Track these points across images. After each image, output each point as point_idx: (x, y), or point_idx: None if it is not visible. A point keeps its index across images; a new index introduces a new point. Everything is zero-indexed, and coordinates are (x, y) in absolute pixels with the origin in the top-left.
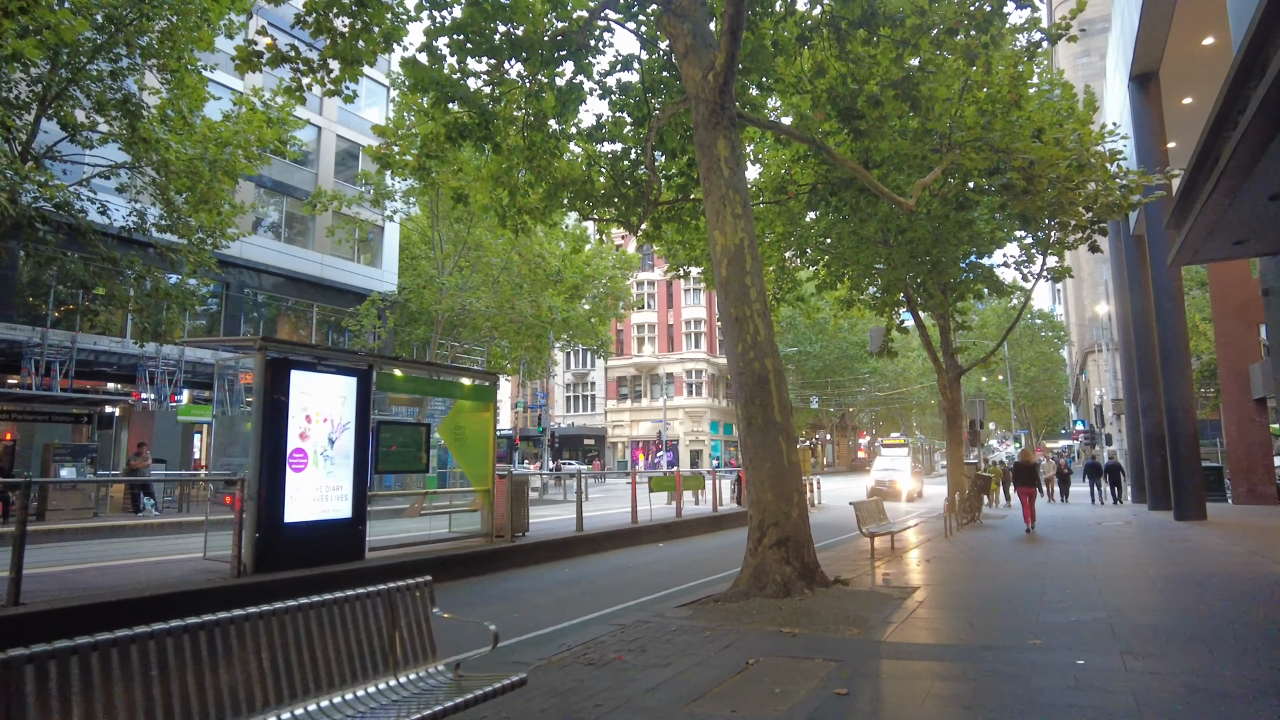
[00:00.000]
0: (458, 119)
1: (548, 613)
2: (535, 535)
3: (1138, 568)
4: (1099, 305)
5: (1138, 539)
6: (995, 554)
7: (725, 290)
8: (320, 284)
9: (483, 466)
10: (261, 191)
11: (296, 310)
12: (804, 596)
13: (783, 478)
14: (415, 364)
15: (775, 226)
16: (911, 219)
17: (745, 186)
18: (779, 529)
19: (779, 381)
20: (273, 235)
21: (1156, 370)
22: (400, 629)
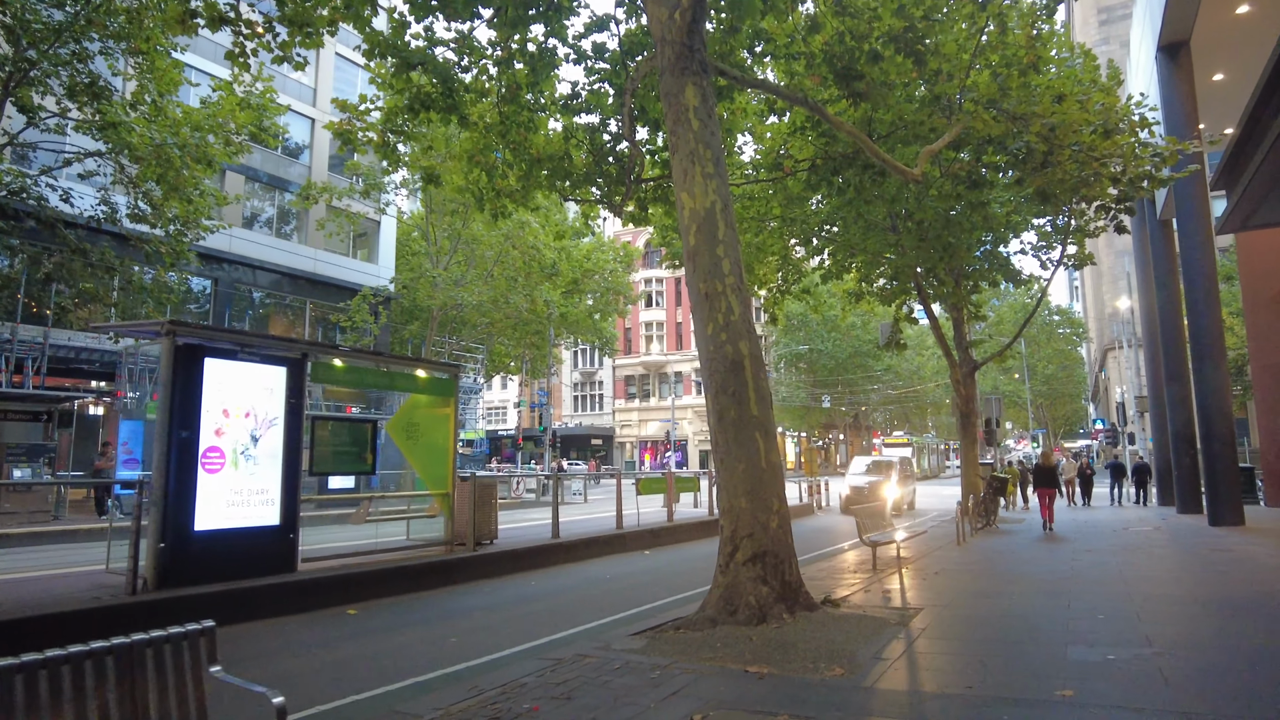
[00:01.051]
0: (420, 89)
1: (488, 638)
2: (506, 543)
3: (1178, 584)
4: (1120, 300)
5: (1171, 547)
6: (1013, 564)
7: (694, 262)
8: (315, 280)
9: (441, 468)
10: (257, 186)
11: (293, 307)
12: (782, 623)
13: (760, 481)
14: (359, 353)
15: (773, 209)
16: (920, 200)
17: (718, 142)
18: (754, 542)
19: (756, 368)
20: (267, 230)
21: (1186, 364)
22: (152, 702)
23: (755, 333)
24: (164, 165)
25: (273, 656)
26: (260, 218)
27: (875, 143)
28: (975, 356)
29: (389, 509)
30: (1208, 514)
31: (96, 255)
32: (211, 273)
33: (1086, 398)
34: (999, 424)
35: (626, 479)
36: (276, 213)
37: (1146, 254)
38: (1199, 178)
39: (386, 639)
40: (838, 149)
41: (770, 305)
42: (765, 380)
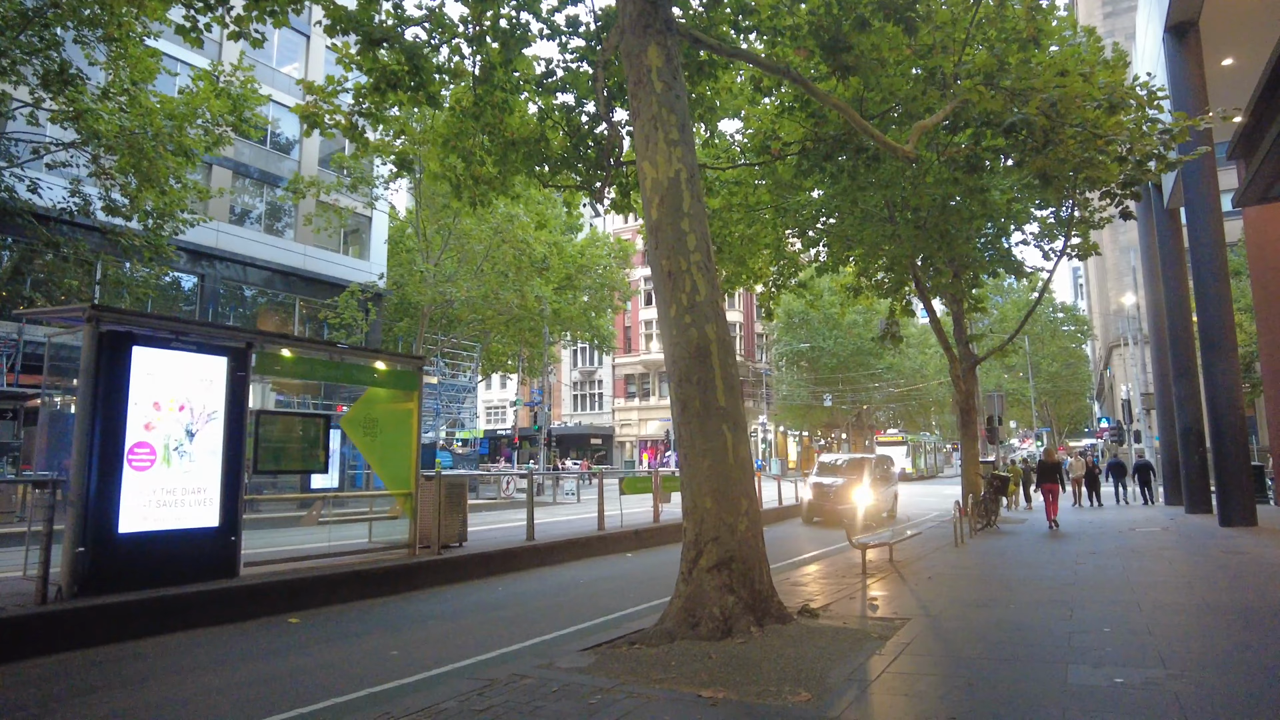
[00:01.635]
0: (386, 68)
1: (432, 651)
2: (476, 546)
3: (1190, 591)
4: (1125, 295)
5: (1181, 549)
6: (1012, 568)
7: (656, 237)
8: (305, 277)
9: (403, 467)
10: (248, 182)
11: (285, 305)
12: (749, 638)
13: (727, 479)
14: (310, 343)
15: (762, 194)
16: (916, 186)
17: (684, 107)
18: (720, 546)
19: (723, 354)
20: (257, 226)
21: (1194, 359)
22: None
23: (724, 316)
24: (137, 155)
25: (191, 671)
26: (251, 214)
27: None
28: (976, 351)
29: (350, 510)
30: (1218, 514)
31: (70, 249)
32: (199, 269)
33: (1091, 396)
34: (1001, 421)
35: (614, 479)
36: (267, 209)
37: (1153, 246)
38: (1208, 161)
39: (323, 651)
40: (828, 130)
41: (765, 300)
42: (734, 368)
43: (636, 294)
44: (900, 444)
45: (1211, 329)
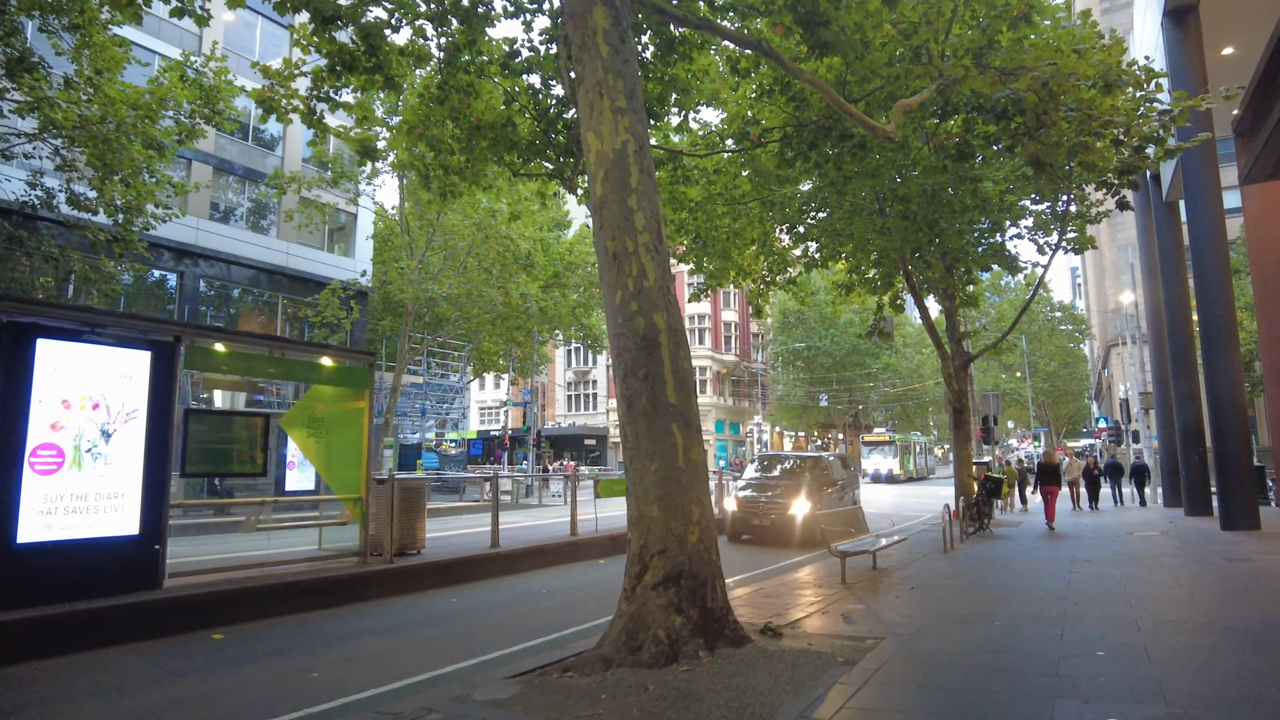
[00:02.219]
0: (342, 48)
1: (357, 673)
2: (436, 554)
3: (1193, 606)
4: (1123, 294)
5: (1182, 556)
6: (1002, 577)
7: (600, 215)
8: (289, 275)
9: (351, 470)
10: (232, 179)
11: (269, 304)
12: (695, 664)
13: (676, 484)
14: (248, 337)
15: (741, 183)
16: (904, 176)
17: (634, 73)
18: (667, 560)
19: (674, 345)
20: (240, 224)
21: (1194, 357)
22: None
23: (675, 302)
24: (101, 146)
25: (81, 699)
26: (234, 211)
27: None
28: (969, 349)
29: (299, 515)
30: (1220, 517)
31: (35, 244)
32: (179, 267)
33: (1090, 396)
34: (997, 421)
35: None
36: (249, 206)
37: (1151, 241)
38: (1208, 151)
39: (235, 674)
40: (810, 116)
41: (755, 297)
42: (687, 360)
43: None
44: (888, 443)
45: (1212, 325)
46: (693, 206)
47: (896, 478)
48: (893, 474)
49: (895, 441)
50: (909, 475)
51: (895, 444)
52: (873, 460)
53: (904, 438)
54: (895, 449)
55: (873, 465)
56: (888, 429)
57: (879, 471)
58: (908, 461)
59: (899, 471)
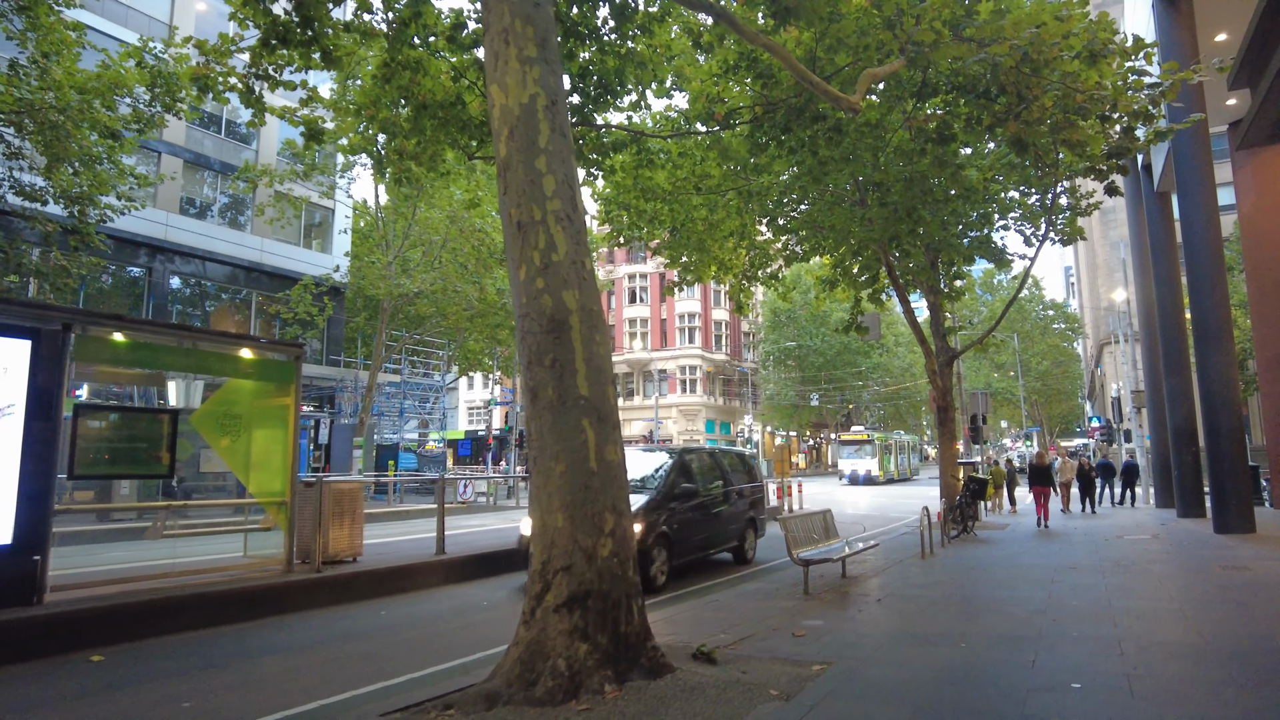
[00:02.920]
0: (276, 20)
1: (239, 699)
2: (374, 561)
3: (1185, 624)
4: (1116, 292)
5: (1173, 563)
6: (978, 588)
7: (505, 178)
8: (263, 271)
9: (273, 471)
10: (206, 173)
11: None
12: (597, 701)
13: (586, 490)
14: (156, 326)
15: (708, 167)
16: (881, 159)
17: (548, 20)
18: (573, 578)
19: (588, 328)
20: (212, 219)
21: (1187, 354)
22: None
23: (592, 279)
24: (50, 132)
25: None
26: (208, 206)
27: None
28: (954, 345)
29: (223, 521)
30: (1213, 519)
31: None
32: (147, 263)
33: (1083, 395)
34: (986, 420)
35: None
36: (223, 201)
37: (1143, 234)
38: (1200, 136)
39: (95, 704)
40: (778, 94)
41: (736, 292)
42: (604, 346)
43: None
44: (866, 442)
45: (1206, 319)
46: (665, 195)
47: (875, 479)
48: (871, 475)
49: (874, 440)
50: (890, 477)
51: (874, 443)
52: (849, 461)
53: (884, 436)
54: (874, 448)
55: (849, 466)
56: (867, 427)
57: (856, 473)
58: (888, 462)
59: (878, 473)
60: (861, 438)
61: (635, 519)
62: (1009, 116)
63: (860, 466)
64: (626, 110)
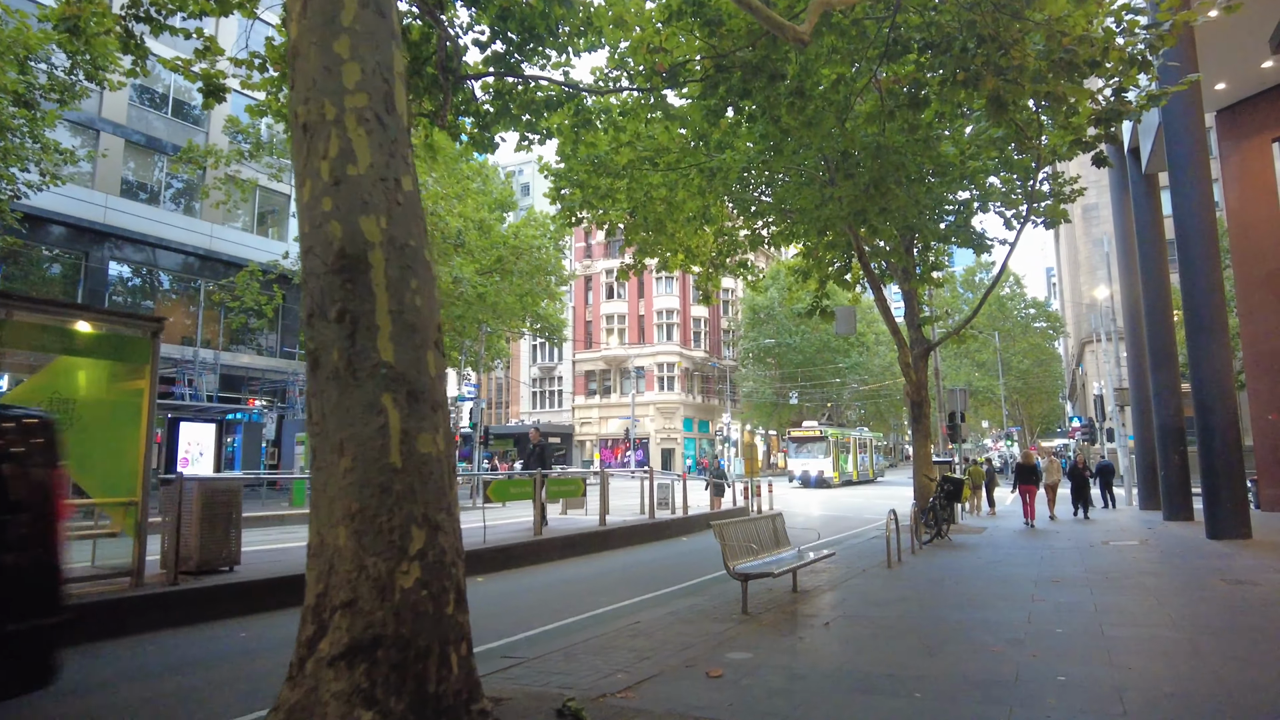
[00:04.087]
0: None
1: None
2: (255, 571)
3: (1198, 660)
4: (1098, 289)
5: (1170, 575)
6: (947, 606)
7: (294, 68)
8: (213, 259)
9: (119, 467)
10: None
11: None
12: None
13: (384, 493)
14: None
15: (656, 131)
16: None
17: None
18: (358, 618)
19: (401, 270)
20: (156, 202)
21: (1174, 348)
22: None
23: (412, 205)
24: None
25: None
26: (153, 189)
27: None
28: (930, 335)
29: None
30: (1206, 523)
31: None
32: (81, 246)
33: (1063, 395)
34: (964, 418)
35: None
36: (170, 184)
37: (1128, 221)
38: (1194, 105)
39: None
40: (729, 45)
41: (704, 281)
42: (425, 296)
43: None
44: (818, 440)
45: (1199, 307)
46: (619, 171)
47: (829, 481)
48: (824, 478)
49: (828, 437)
50: (847, 479)
51: (828, 440)
52: (800, 460)
53: (840, 433)
54: (828, 446)
55: (799, 466)
56: (822, 423)
57: (807, 474)
58: (844, 462)
59: (832, 474)
60: (813, 434)
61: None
62: (986, 70)
63: (811, 467)
64: (563, 65)
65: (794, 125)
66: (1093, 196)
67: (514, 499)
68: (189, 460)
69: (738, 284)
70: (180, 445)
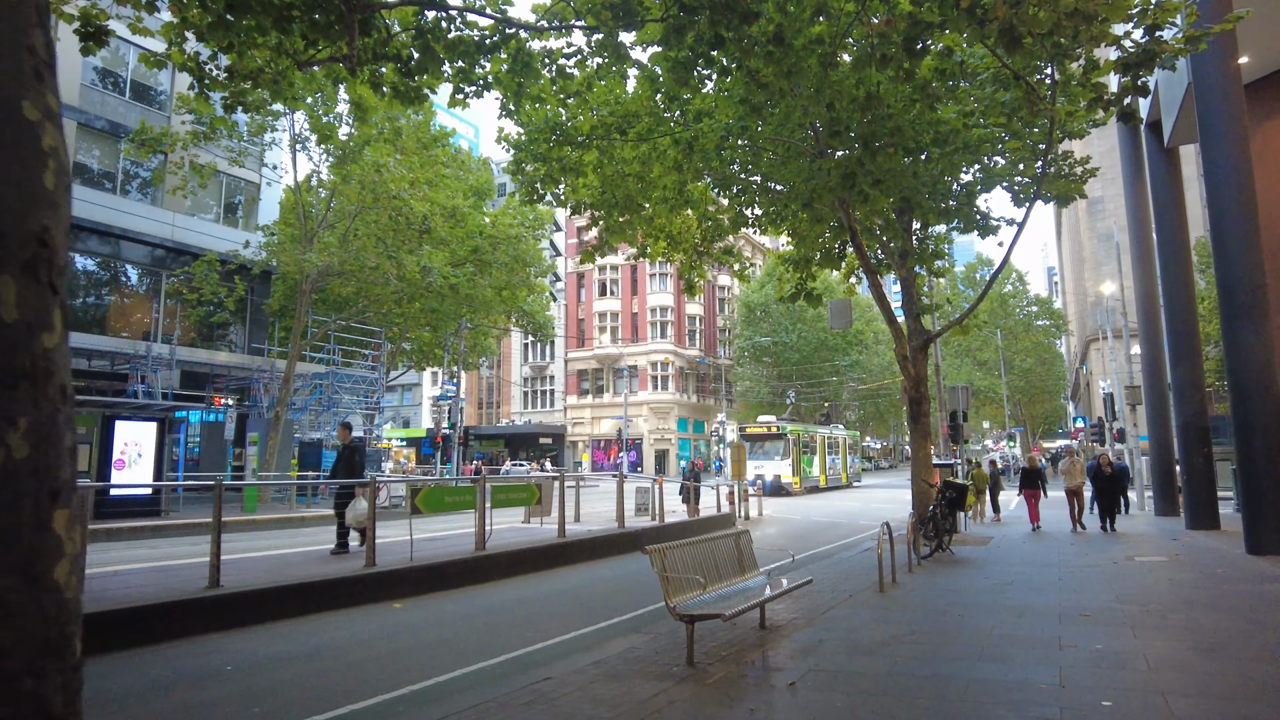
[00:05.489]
0: None
1: None
2: (113, 600)
3: None
4: (1105, 284)
5: (1223, 608)
6: (951, 659)
7: None
8: (174, 249)
9: None
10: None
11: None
12: None
13: None
14: None
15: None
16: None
17: None
18: None
19: None
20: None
21: (1197, 338)
22: None
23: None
24: None
25: None
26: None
27: None
28: (935, 324)
29: None
30: (1246, 536)
31: None
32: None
33: (1066, 395)
34: (966, 417)
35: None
36: (128, 170)
37: (1142, 206)
38: (1229, 59)
39: None
40: None
41: (686, 271)
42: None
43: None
44: (775, 437)
45: (1235, 286)
46: (582, 141)
47: (787, 488)
48: (781, 483)
49: (787, 435)
50: (813, 484)
51: (787, 438)
52: (754, 462)
53: (801, 429)
54: (786, 446)
55: (754, 469)
56: (782, 419)
57: (762, 478)
58: (808, 464)
59: (791, 479)
60: (769, 431)
61: None
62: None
63: (767, 470)
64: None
65: (772, 78)
66: (1098, 189)
67: (450, 510)
68: (125, 463)
69: (733, 281)
70: (115, 446)
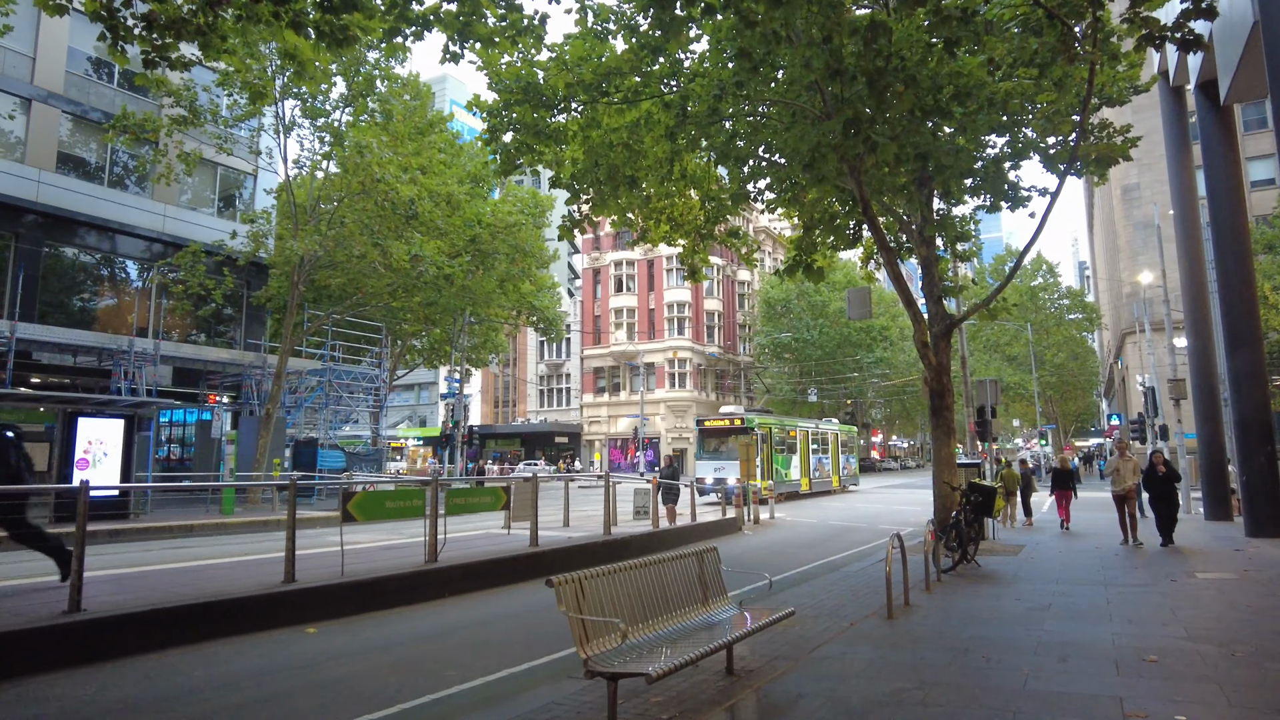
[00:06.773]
0: None
1: None
2: None
3: None
4: (1142, 274)
5: None
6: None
7: None
8: (166, 241)
9: None
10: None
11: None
12: None
13: None
14: None
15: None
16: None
17: None
18: None
19: None
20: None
21: (1257, 323)
22: None
23: None
24: None
25: None
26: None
27: None
28: (960, 307)
29: None
30: None
31: None
32: (11, 228)
33: (1099, 392)
34: (995, 414)
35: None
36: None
37: (1187, 180)
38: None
39: None
40: None
41: (688, 255)
42: None
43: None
44: (741, 430)
45: None
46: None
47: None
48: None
49: (755, 429)
50: (791, 489)
51: (755, 434)
52: (709, 462)
53: (776, 423)
54: (754, 441)
55: (710, 472)
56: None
57: (723, 481)
58: (784, 465)
59: (763, 486)
60: (729, 424)
61: None
62: None
63: (728, 473)
64: None
65: (764, 13)
66: (1133, 175)
67: (393, 517)
68: (89, 462)
69: (753, 276)
70: (79, 444)
